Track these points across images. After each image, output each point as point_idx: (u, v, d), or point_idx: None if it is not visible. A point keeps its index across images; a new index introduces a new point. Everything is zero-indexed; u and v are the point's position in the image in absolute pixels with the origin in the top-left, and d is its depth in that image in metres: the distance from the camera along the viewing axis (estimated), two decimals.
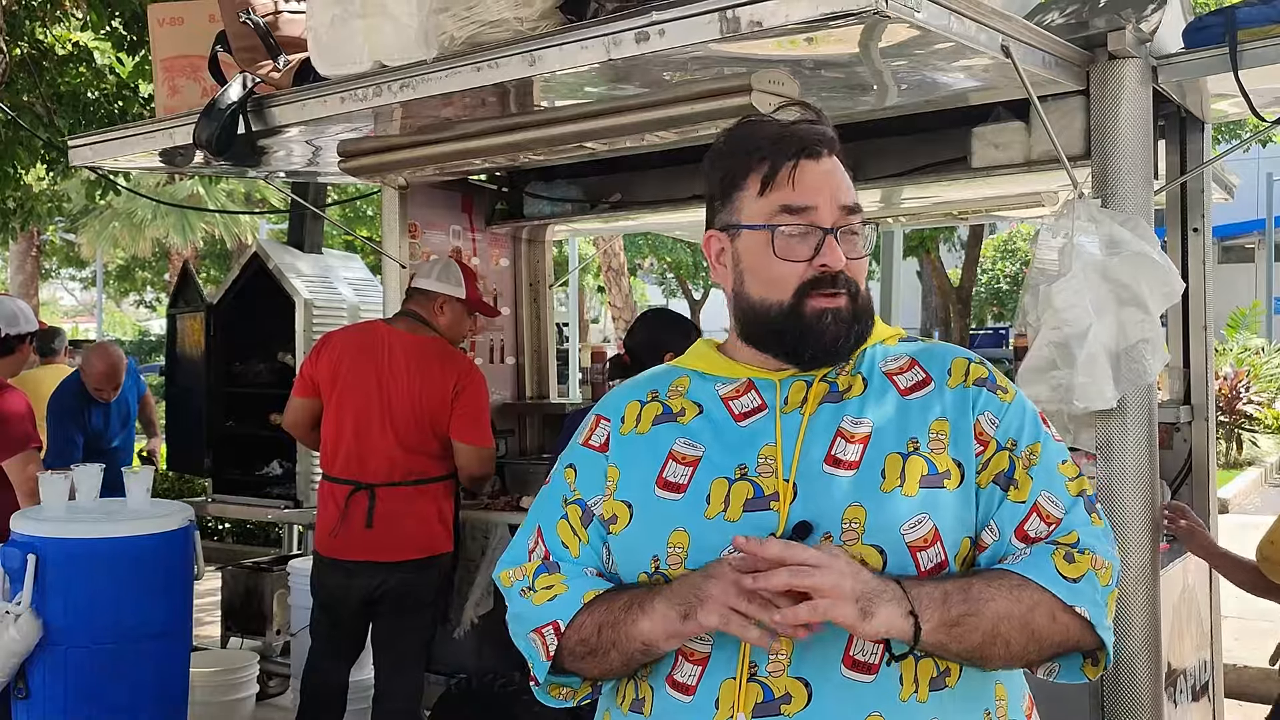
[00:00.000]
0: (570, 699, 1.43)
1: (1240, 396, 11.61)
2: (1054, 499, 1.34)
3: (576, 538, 1.41)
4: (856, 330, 1.38)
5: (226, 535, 8.35)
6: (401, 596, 3.49)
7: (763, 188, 1.36)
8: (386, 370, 3.52)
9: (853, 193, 1.40)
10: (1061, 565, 1.31)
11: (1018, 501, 1.34)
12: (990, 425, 1.36)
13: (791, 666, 1.26)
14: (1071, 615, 1.29)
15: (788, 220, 1.35)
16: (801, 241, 1.35)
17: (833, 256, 1.34)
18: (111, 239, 19.36)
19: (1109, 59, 2.63)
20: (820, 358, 1.37)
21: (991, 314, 22.65)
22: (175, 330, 5.64)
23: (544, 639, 1.36)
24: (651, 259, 22.27)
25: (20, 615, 3.26)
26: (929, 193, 3.96)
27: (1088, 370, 2.51)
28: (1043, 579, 1.29)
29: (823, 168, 1.37)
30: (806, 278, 1.35)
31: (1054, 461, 1.37)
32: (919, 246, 15.53)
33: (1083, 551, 1.32)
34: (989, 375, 1.40)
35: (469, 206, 4.57)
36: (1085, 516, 1.36)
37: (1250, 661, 5.01)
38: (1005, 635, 1.26)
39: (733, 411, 1.39)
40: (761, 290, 1.38)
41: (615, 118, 2.81)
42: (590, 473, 1.43)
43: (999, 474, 1.35)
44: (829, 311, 1.35)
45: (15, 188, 7.62)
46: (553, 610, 1.36)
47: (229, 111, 3.04)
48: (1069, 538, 1.33)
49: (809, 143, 1.36)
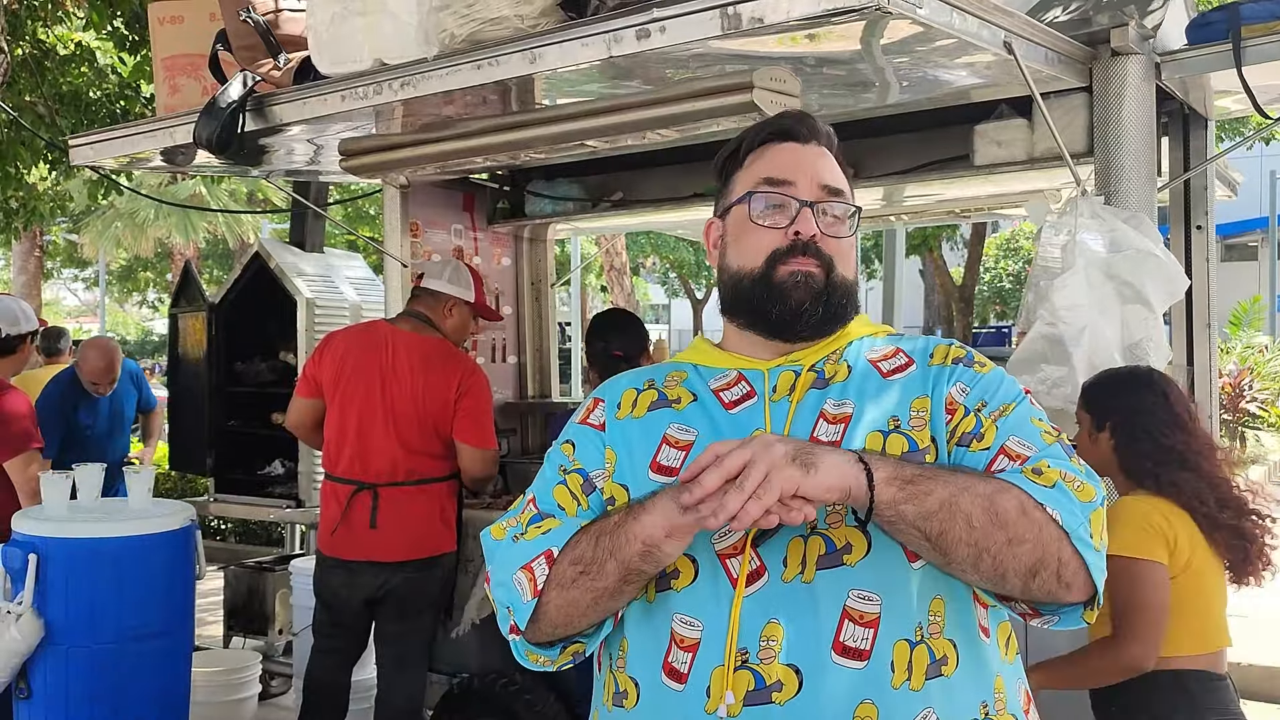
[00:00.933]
0: (548, 665, 1.41)
1: (1244, 394, 11.61)
2: (1024, 442, 1.31)
3: (575, 501, 1.39)
4: (827, 302, 1.40)
5: (228, 535, 8.36)
6: (404, 596, 3.49)
7: (749, 163, 1.46)
8: (390, 370, 3.51)
9: (838, 178, 1.45)
10: (1031, 476, 1.26)
11: (982, 449, 1.31)
12: (961, 394, 1.36)
13: (783, 654, 1.26)
14: (1044, 516, 1.22)
15: (765, 189, 1.42)
16: (780, 212, 1.41)
17: (805, 225, 1.40)
18: (114, 239, 19.39)
19: (1112, 55, 2.63)
20: (787, 320, 1.40)
21: (994, 312, 22.65)
22: (177, 330, 5.64)
23: (532, 574, 1.32)
24: (654, 258, 22.28)
25: (22, 615, 3.25)
26: (931, 190, 3.95)
27: (1084, 369, 2.50)
28: (1014, 479, 1.25)
29: (807, 150, 1.45)
30: (780, 245, 1.40)
31: (1028, 417, 1.34)
32: (921, 245, 15.52)
33: (1052, 468, 1.27)
34: (968, 354, 1.42)
35: (471, 205, 4.56)
36: (1063, 455, 1.30)
37: (1256, 660, 5.00)
38: (966, 509, 1.20)
39: (723, 400, 1.42)
40: (738, 258, 1.44)
41: (616, 115, 2.80)
42: (589, 448, 1.43)
43: (964, 434, 1.33)
44: (799, 273, 1.39)
45: (18, 188, 7.63)
46: (545, 541, 1.34)
47: (229, 110, 3.03)
48: (1039, 464, 1.28)
49: (798, 127, 1.46)
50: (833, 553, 1.28)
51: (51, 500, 3.48)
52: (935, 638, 1.29)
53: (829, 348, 1.43)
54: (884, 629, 1.26)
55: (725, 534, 1.30)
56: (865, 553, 1.28)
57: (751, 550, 1.30)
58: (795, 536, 1.29)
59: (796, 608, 1.27)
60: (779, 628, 1.26)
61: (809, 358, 1.42)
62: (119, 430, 5.60)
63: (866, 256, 17.26)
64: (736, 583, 1.29)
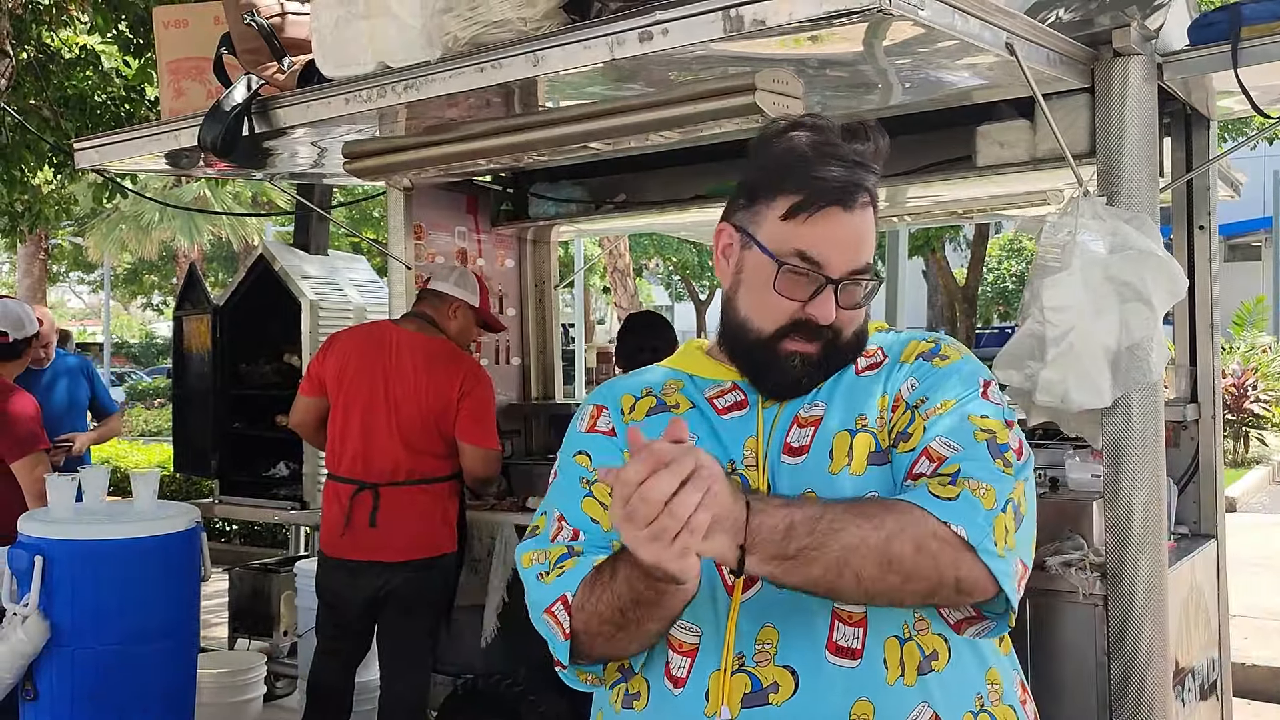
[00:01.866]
0: (598, 684, 1.41)
1: (1247, 395, 11.58)
2: (949, 442, 1.29)
3: (606, 511, 1.37)
4: (825, 371, 1.39)
5: (233, 536, 8.38)
6: (405, 597, 3.50)
7: (788, 215, 1.34)
8: (394, 370, 3.53)
9: (870, 251, 1.38)
10: (935, 488, 1.25)
11: (908, 450, 1.30)
12: (909, 390, 1.35)
13: (778, 655, 1.27)
14: (945, 542, 1.21)
15: (797, 264, 1.34)
16: (803, 284, 1.35)
17: (823, 311, 1.34)
18: (119, 242, 19.45)
19: (1114, 56, 2.63)
20: (779, 392, 1.39)
21: (997, 313, 22.64)
22: (182, 332, 5.65)
23: (556, 618, 1.32)
24: (657, 259, 22.28)
25: (28, 617, 3.27)
26: (934, 191, 3.95)
27: (1064, 370, 2.51)
28: (913, 498, 1.24)
29: (852, 220, 1.35)
30: (792, 319, 1.36)
31: (966, 414, 1.31)
32: (924, 245, 15.51)
33: (961, 476, 1.25)
34: (934, 347, 1.39)
35: (474, 207, 4.57)
36: (984, 455, 1.27)
37: (1259, 660, 5.00)
38: (856, 567, 1.19)
39: (717, 408, 1.42)
40: (749, 311, 1.40)
41: (619, 118, 2.80)
42: (607, 456, 1.41)
43: (898, 433, 1.32)
44: (798, 355, 1.36)
45: (23, 191, 7.65)
46: (561, 585, 1.33)
47: (234, 113, 3.04)
48: (949, 469, 1.26)
49: (848, 192, 1.34)
50: None
51: (57, 502, 3.50)
52: (924, 634, 1.30)
53: None
54: (872, 627, 1.28)
55: None
56: None
57: None
58: None
59: (789, 611, 1.28)
60: (774, 631, 1.28)
61: None
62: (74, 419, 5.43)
63: None
64: (733, 590, 1.31)
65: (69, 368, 5.45)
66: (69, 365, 5.47)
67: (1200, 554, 3.09)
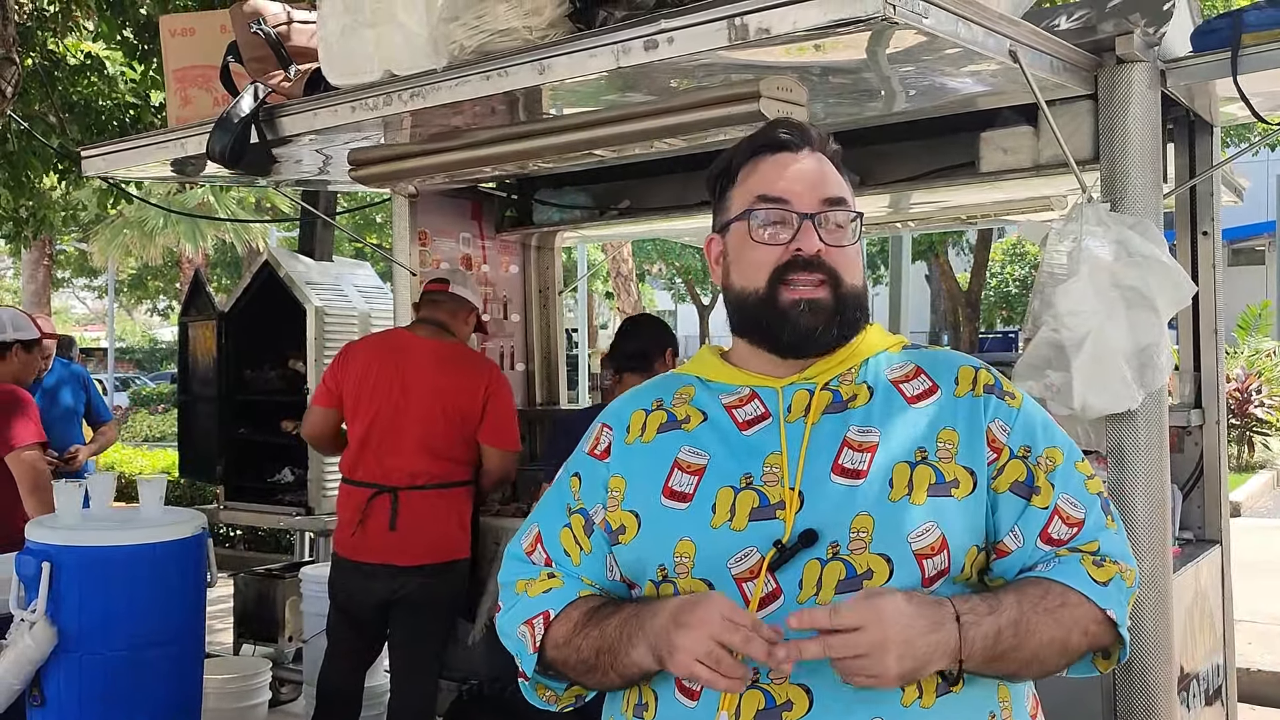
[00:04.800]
0: (554, 703, 1.45)
1: (1251, 399, 11.57)
2: (1074, 501, 1.37)
3: (579, 546, 1.43)
4: (840, 320, 1.38)
5: (238, 542, 8.38)
6: (418, 601, 3.50)
7: (742, 179, 1.42)
8: (414, 376, 3.54)
9: (839, 187, 1.41)
10: (1092, 570, 1.34)
11: (1041, 508, 1.35)
12: (1002, 432, 1.37)
13: (794, 674, 1.26)
14: (1101, 624, 1.33)
15: (763, 206, 1.38)
16: (779, 228, 1.37)
17: (806, 240, 1.36)
18: (123, 247, 19.46)
19: (1117, 63, 2.63)
20: (800, 344, 1.38)
21: (1000, 318, 22.61)
22: (187, 338, 5.66)
23: (533, 629, 1.38)
24: (660, 264, 22.30)
25: (35, 623, 3.28)
26: (937, 197, 3.96)
27: (1085, 376, 2.51)
28: (1078, 584, 1.32)
29: (803, 160, 1.41)
30: (781, 262, 1.37)
31: (1071, 462, 1.39)
32: (928, 250, 15.53)
33: (1106, 556, 1.36)
34: (995, 382, 1.41)
35: (478, 214, 4.58)
36: (1102, 519, 1.38)
37: (1264, 665, 4.99)
38: (1043, 659, 1.30)
39: (736, 420, 1.39)
40: (741, 278, 1.41)
41: (624, 125, 2.81)
42: (592, 482, 1.44)
43: (1016, 482, 1.36)
44: (803, 302, 1.36)
45: (28, 197, 7.67)
46: (546, 601, 1.39)
47: (242, 123, 3.05)
48: (1090, 545, 1.36)
49: (786, 138, 1.42)
50: (853, 578, 1.28)
51: (64, 508, 3.51)
52: None
53: (844, 362, 1.40)
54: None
55: (742, 558, 1.30)
56: (888, 578, 1.28)
57: (768, 574, 1.29)
58: (813, 559, 1.29)
59: (805, 630, 1.25)
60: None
61: (823, 375, 1.40)
62: (70, 428, 5.49)
63: (872, 262, 17.26)
64: (750, 605, 1.29)
65: (65, 376, 5.48)
66: (66, 373, 5.50)
67: (1205, 559, 3.09)
